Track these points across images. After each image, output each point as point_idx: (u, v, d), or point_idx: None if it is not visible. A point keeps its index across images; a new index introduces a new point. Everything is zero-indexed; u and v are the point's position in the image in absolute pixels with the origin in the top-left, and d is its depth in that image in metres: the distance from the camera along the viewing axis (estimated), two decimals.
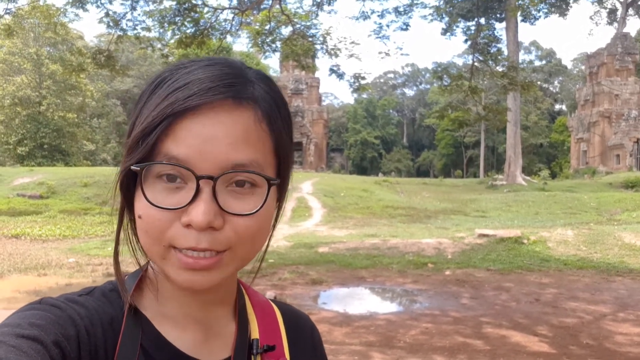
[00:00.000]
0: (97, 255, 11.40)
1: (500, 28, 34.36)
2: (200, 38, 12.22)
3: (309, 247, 12.42)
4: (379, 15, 14.08)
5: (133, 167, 0.56)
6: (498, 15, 36.49)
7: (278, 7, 13.14)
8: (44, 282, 8.71)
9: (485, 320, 6.64)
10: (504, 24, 34.68)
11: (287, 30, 13.66)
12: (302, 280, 9.05)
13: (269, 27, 13.05)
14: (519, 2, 20.74)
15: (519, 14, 26.43)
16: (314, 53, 14.18)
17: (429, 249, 11.90)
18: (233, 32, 13.70)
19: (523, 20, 33.66)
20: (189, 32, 12.28)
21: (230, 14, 13.30)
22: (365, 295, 8.55)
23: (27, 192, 20.94)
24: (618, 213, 19.50)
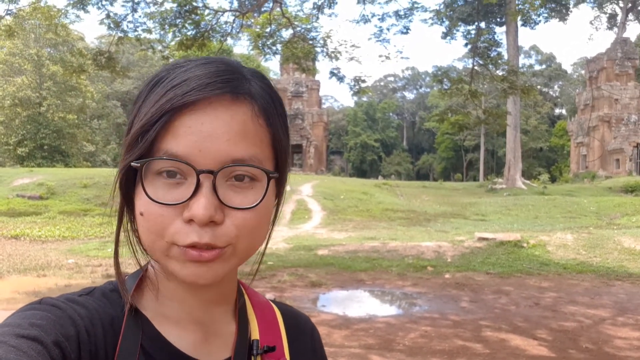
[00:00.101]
0: (96, 257, 11.40)
1: (501, 32, 34.49)
2: (201, 40, 12.24)
3: (309, 249, 12.42)
4: (380, 19, 14.11)
5: (133, 163, 0.56)
6: (498, 20, 36.60)
7: (279, 9, 13.17)
8: (43, 283, 8.70)
9: (485, 324, 6.63)
10: (504, 28, 34.76)
11: (287, 33, 13.70)
12: (301, 283, 9.05)
13: (270, 29, 13.08)
14: (519, 6, 20.79)
15: (519, 19, 26.51)
16: (315, 56, 14.21)
17: (429, 252, 11.89)
18: (234, 34, 13.72)
19: (523, 25, 33.80)
20: (190, 34, 12.31)
21: (231, 17, 13.33)
22: (365, 298, 8.54)
23: (26, 192, 20.94)
24: (618, 217, 19.48)
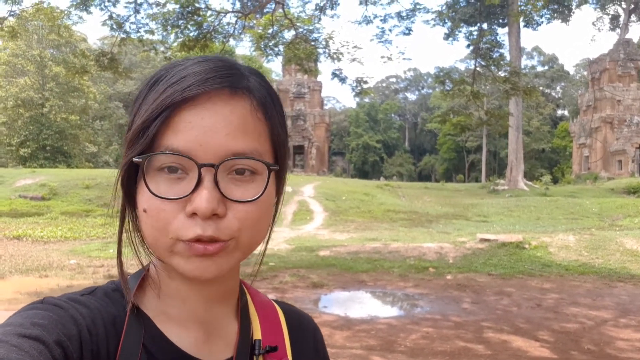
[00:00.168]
0: (98, 257, 11.41)
1: (503, 33, 34.48)
2: (203, 41, 12.25)
3: (310, 250, 12.42)
4: (382, 20, 14.12)
5: (135, 159, 0.56)
6: (500, 21, 36.58)
7: (281, 11, 13.18)
8: (45, 283, 8.71)
9: (487, 325, 6.62)
10: (507, 30, 34.73)
11: (289, 34, 13.72)
12: (303, 284, 9.04)
13: (272, 30, 13.09)
14: (522, 7, 20.78)
15: (522, 20, 26.48)
16: (317, 57, 14.21)
17: (431, 253, 11.88)
18: (236, 35, 13.74)
19: (525, 26, 33.71)
20: (192, 35, 12.32)
21: (234, 18, 13.35)
22: (366, 299, 8.53)
23: (29, 193, 20.98)
24: (620, 219, 19.44)
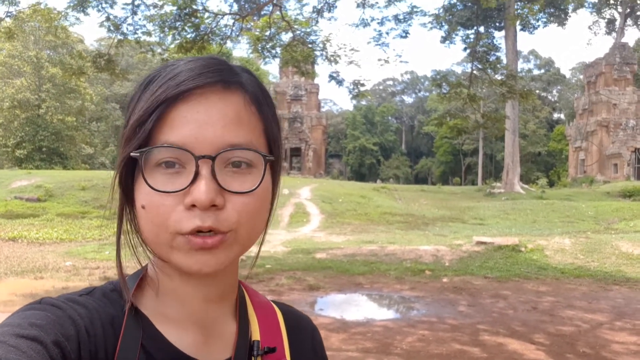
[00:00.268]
0: (94, 259, 11.35)
1: (500, 37, 34.56)
2: (201, 43, 12.24)
3: (307, 252, 12.41)
4: (379, 23, 14.15)
5: (133, 153, 0.57)
6: (497, 24, 36.73)
7: (278, 13, 13.20)
8: (41, 285, 8.67)
9: (483, 328, 6.63)
10: (503, 33, 34.87)
11: (287, 37, 13.72)
12: (299, 286, 9.04)
13: (269, 33, 13.10)
14: (518, 11, 20.88)
15: (518, 23, 26.60)
16: (314, 59, 14.22)
17: (427, 256, 11.89)
18: (233, 37, 13.73)
19: (522, 30, 33.93)
20: (190, 37, 12.32)
21: (231, 20, 13.35)
22: (363, 302, 8.53)
23: (24, 195, 20.89)
24: (615, 222, 19.51)
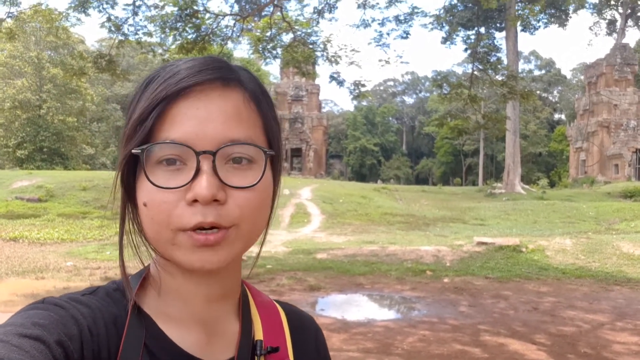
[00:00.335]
0: (95, 259, 11.37)
1: (500, 37, 34.57)
2: (202, 44, 12.25)
3: (307, 253, 12.41)
4: (380, 24, 14.15)
5: (134, 150, 0.57)
6: (498, 25, 36.71)
7: (279, 14, 13.20)
8: (42, 285, 8.68)
9: (483, 328, 6.63)
10: (504, 34, 34.87)
11: (288, 37, 13.73)
12: (300, 287, 9.04)
13: (270, 33, 13.11)
14: (519, 12, 20.87)
15: (519, 24, 26.60)
16: (315, 60, 14.23)
17: (428, 257, 11.89)
18: (234, 38, 13.74)
19: (523, 30, 33.93)
20: (190, 37, 12.33)
21: (232, 21, 13.36)
22: (363, 302, 8.53)
23: (25, 195, 20.91)
24: (616, 222, 19.50)
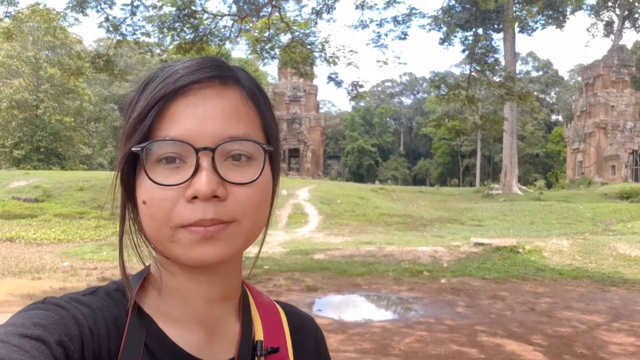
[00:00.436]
0: (91, 260, 11.35)
1: (498, 39, 34.65)
2: (200, 44, 12.25)
3: (305, 253, 12.41)
4: (378, 25, 14.14)
5: (134, 148, 0.58)
6: (496, 26, 36.77)
7: (277, 14, 13.21)
8: (38, 285, 8.66)
9: (480, 329, 6.64)
10: (502, 35, 34.93)
11: (286, 38, 13.72)
12: (297, 287, 9.04)
13: (268, 34, 13.10)
14: (517, 13, 20.94)
15: (517, 25, 26.70)
16: (313, 61, 14.22)
17: (425, 257, 11.90)
18: (232, 38, 13.75)
19: (520, 32, 34.01)
20: (188, 38, 12.32)
21: (230, 21, 13.36)
22: (361, 303, 8.53)
23: (22, 195, 20.85)
24: (613, 223, 19.55)
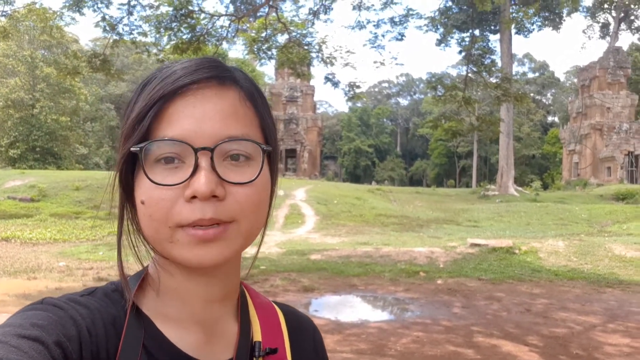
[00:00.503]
0: (87, 259, 11.32)
1: (495, 40, 34.81)
2: (196, 44, 12.22)
3: (302, 254, 12.41)
4: (375, 25, 14.15)
5: (133, 148, 0.58)
6: (492, 28, 36.92)
7: (274, 14, 13.20)
8: (34, 285, 8.63)
9: (477, 330, 6.66)
10: (498, 36, 35.05)
11: (283, 38, 13.72)
12: (293, 287, 9.04)
13: (265, 34, 13.10)
14: (513, 14, 20.99)
15: (513, 27, 26.77)
16: (310, 61, 14.21)
17: (421, 258, 11.92)
18: (229, 38, 13.73)
19: (517, 33, 34.10)
20: (185, 37, 12.29)
21: (227, 21, 13.34)
22: (357, 303, 8.54)
23: (18, 195, 20.78)
24: (609, 225, 19.63)
